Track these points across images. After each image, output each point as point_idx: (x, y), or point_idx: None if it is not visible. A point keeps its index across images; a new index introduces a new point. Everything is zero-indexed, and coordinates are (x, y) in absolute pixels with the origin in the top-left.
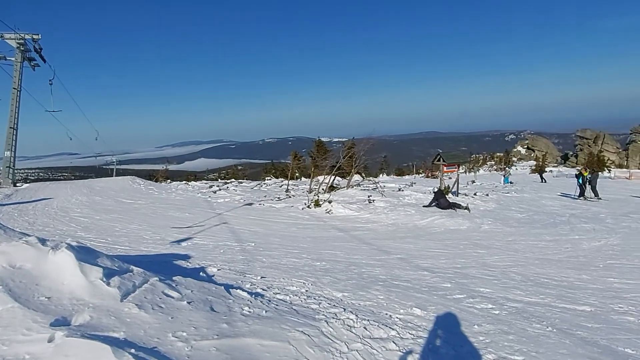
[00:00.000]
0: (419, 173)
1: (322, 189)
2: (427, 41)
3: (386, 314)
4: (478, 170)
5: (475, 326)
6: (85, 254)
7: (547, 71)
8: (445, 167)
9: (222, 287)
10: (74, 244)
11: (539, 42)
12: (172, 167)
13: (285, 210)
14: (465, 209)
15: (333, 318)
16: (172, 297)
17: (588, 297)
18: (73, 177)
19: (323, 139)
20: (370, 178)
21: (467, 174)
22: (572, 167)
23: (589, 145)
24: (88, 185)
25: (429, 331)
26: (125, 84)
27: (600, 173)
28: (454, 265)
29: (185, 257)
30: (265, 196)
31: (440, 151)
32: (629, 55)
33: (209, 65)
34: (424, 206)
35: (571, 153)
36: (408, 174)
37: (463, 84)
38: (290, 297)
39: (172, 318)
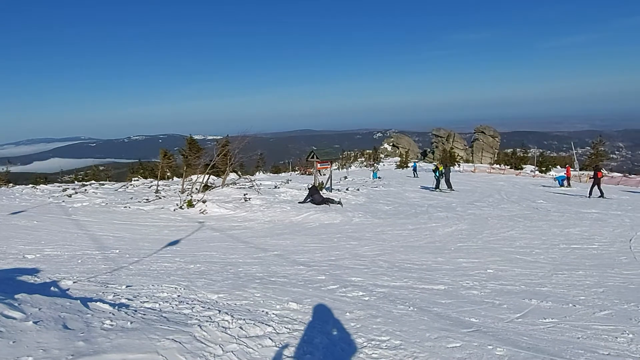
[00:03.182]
0: (295, 170)
1: (196, 189)
2: (304, 43)
3: (263, 311)
4: (350, 166)
5: (347, 313)
6: None
7: (408, 76)
8: (319, 164)
9: (79, 301)
10: None
11: (401, 52)
12: (15, 168)
13: (156, 212)
14: (338, 203)
15: (207, 321)
16: (14, 319)
17: (443, 277)
18: None
19: (196, 137)
20: (247, 176)
21: (340, 170)
22: (430, 162)
23: (443, 143)
24: None
25: (304, 323)
26: None
27: (452, 167)
28: (328, 258)
29: (33, 272)
30: (131, 198)
31: (315, 148)
32: (474, 66)
33: (59, 51)
34: (299, 202)
35: (429, 150)
36: (284, 172)
37: (336, 85)
38: (160, 304)
39: (13, 342)
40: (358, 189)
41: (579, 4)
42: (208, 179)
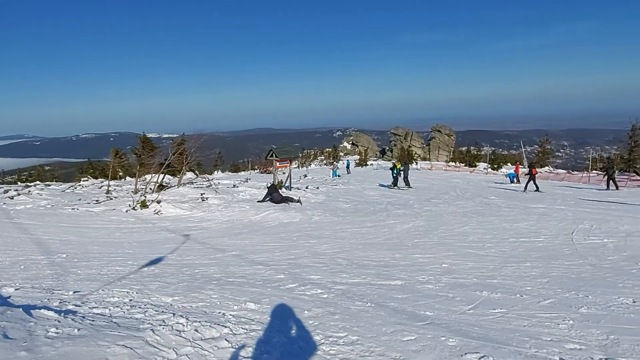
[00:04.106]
0: (254, 169)
1: (150, 189)
2: (261, 41)
3: (220, 312)
4: (310, 164)
5: (306, 311)
6: None
7: (367, 76)
8: (278, 163)
9: (21, 309)
10: None
11: (360, 52)
12: None
13: (106, 214)
14: (297, 202)
15: (160, 325)
16: None
17: (400, 273)
18: None
19: (151, 135)
20: (204, 175)
21: (300, 168)
22: (389, 160)
23: (401, 141)
24: None
25: (262, 323)
26: None
27: (410, 165)
28: (287, 257)
29: None
30: (80, 199)
31: (274, 147)
32: (430, 66)
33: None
34: (258, 201)
35: (387, 148)
36: (243, 170)
37: (296, 83)
38: (110, 309)
39: None
40: (318, 188)
41: (528, 8)
42: (163, 178)
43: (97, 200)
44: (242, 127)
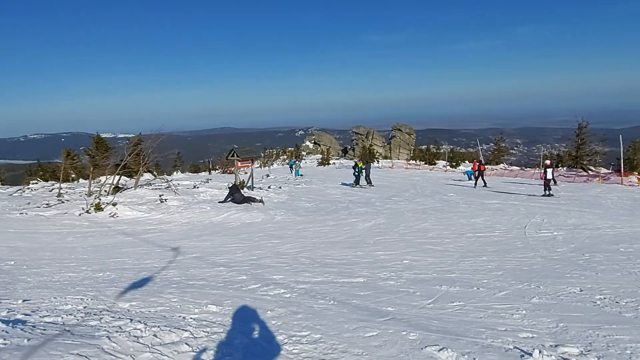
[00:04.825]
0: (215, 169)
1: (105, 191)
2: (221, 39)
3: (180, 316)
4: (272, 164)
5: (269, 312)
6: None
7: (329, 75)
8: (239, 163)
9: None
10: None
11: (322, 51)
12: None
13: (58, 218)
14: (260, 202)
15: (117, 332)
16: None
17: (362, 270)
18: None
19: (105, 135)
20: (163, 176)
21: (262, 168)
22: (351, 159)
23: (363, 140)
24: None
25: (224, 326)
26: None
27: (372, 164)
28: (249, 258)
29: None
30: (29, 203)
31: (236, 147)
32: (390, 66)
33: None
34: (219, 202)
35: (349, 147)
36: (204, 171)
37: (257, 82)
38: (63, 317)
39: None
40: (280, 187)
41: (483, 11)
42: (119, 180)
43: (47, 204)
44: (203, 127)
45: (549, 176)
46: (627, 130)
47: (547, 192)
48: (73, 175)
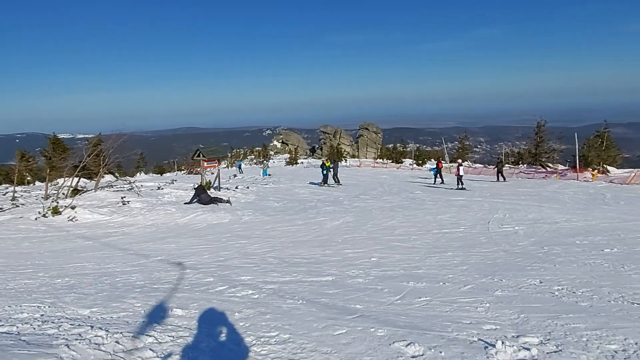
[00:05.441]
0: (180, 170)
1: (63, 194)
2: (185, 36)
3: (143, 321)
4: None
5: (237, 313)
6: None
7: (296, 74)
8: (205, 163)
9: None
10: None
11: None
12: None
13: (13, 222)
14: (227, 202)
15: (76, 339)
16: None
17: (330, 269)
18: None
19: (63, 136)
20: (126, 178)
21: (229, 168)
22: (319, 158)
23: (330, 139)
24: None
25: (190, 329)
26: None
27: (340, 162)
28: (217, 259)
29: None
30: None
31: (202, 146)
32: (355, 65)
33: None
34: (185, 203)
35: (317, 146)
36: (169, 172)
37: (223, 81)
38: (18, 327)
39: None
40: (248, 187)
41: (447, 13)
42: (78, 182)
43: (1, 208)
44: (167, 127)
45: (461, 172)
46: (582, 129)
47: (460, 186)
48: (29, 178)
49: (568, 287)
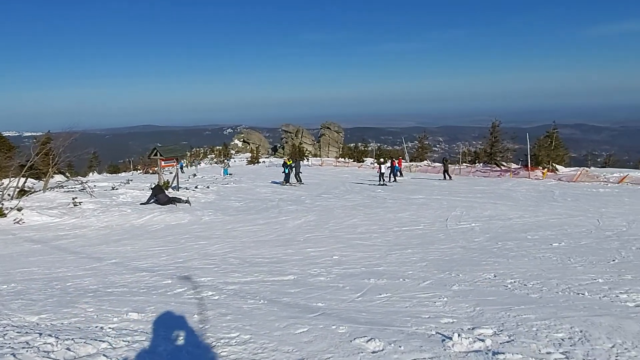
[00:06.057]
0: (137, 169)
1: (8, 195)
2: (142, 30)
3: (97, 327)
4: (199, 163)
5: (196, 315)
6: None
7: (257, 72)
8: (163, 162)
9: None
10: None
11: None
12: None
13: None
14: (186, 202)
15: (23, 348)
16: None
17: (292, 268)
18: None
19: (7, 134)
20: (77, 178)
21: (189, 167)
22: (281, 157)
23: (292, 138)
24: None
25: (147, 333)
26: None
27: (301, 162)
28: (175, 261)
29: None
30: None
31: (159, 145)
32: (317, 64)
33: None
34: (141, 204)
35: (279, 145)
36: (125, 171)
37: (181, 77)
38: None
39: None
40: (208, 187)
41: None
42: (25, 182)
43: None
44: (123, 124)
45: (383, 170)
46: (534, 129)
47: (382, 182)
48: None
49: (520, 280)
